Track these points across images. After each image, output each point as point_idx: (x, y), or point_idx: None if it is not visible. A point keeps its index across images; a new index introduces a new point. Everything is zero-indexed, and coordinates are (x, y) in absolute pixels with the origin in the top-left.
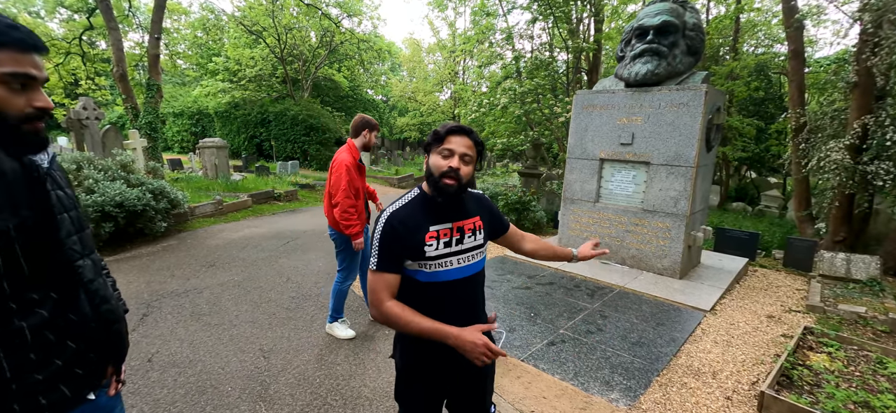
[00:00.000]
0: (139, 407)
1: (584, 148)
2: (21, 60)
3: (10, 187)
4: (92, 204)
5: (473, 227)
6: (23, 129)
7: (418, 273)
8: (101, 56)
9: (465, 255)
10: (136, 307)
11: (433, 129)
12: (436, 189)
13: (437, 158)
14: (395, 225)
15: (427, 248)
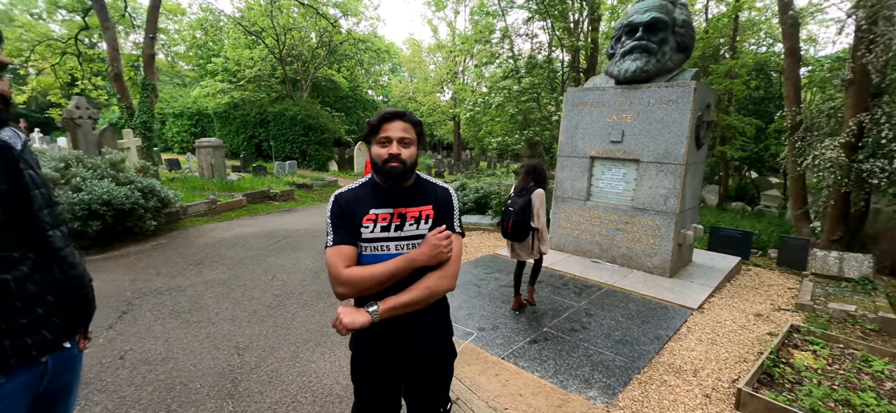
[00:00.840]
0: (104, 404)
1: (574, 146)
2: None
3: None
4: (78, 202)
5: (418, 216)
6: None
7: (361, 256)
8: (99, 56)
9: (405, 243)
10: (115, 305)
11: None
12: (383, 175)
13: (377, 148)
14: (340, 203)
15: (363, 230)
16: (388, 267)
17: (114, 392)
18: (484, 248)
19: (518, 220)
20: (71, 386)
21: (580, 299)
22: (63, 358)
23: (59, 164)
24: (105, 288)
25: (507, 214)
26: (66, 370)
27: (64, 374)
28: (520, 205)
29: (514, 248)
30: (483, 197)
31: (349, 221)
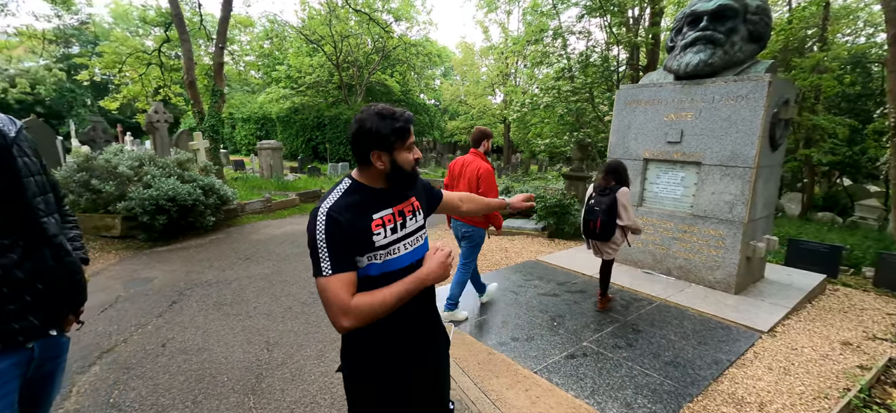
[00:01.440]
0: (137, 389)
1: (626, 147)
2: None
3: None
4: (148, 198)
5: (412, 209)
6: None
7: (369, 267)
8: (178, 66)
9: (411, 239)
10: (169, 294)
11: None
12: (406, 181)
13: (405, 154)
14: (336, 216)
15: (375, 237)
16: (398, 290)
17: (150, 378)
18: (526, 254)
19: (606, 219)
20: (54, 375)
21: (627, 313)
22: (50, 345)
23: (134, 162)
24: (163, 278)
25: (592, 214)
26: (52, 357)
27: (49, 361)
28: (605, 203)
29: (598, 247)
30: None
31: (351, 238)
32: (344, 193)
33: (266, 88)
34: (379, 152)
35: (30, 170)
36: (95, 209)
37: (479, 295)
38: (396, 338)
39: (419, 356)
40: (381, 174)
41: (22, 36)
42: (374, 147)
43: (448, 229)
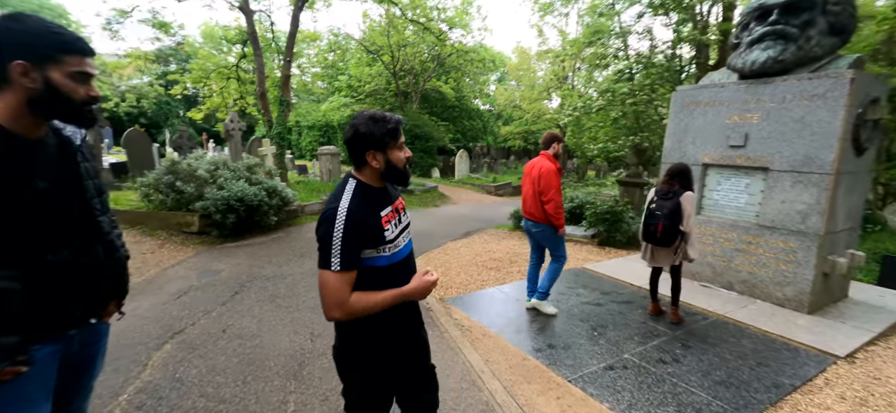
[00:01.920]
0: (199, 367)
1: (683, 151)
2: (83, 62)
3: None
4: (220, 198)
5: (403, 207)
6: (83, 110)
7: (378, 258)
8: (253, 79)
9: (405, 234)
10: (233, 286)
11: (388, 128)
12: (401, 178)
13: (398, 153)
14: (356, 218)
15: (386, 232)
16: (386, 298)
17: (209, 358)
18: (571, 261)
19: (668, 224)
20: (95, 359)
21: (676, 327)
22: (89, 332)
23: (211, 167)
24: (230, 271)
25: (653, 218)
26: (92, 343)
27: (89, 346)
28: (668, 208)
29: (654, 254)
30: (577, 207)
31: (366, 234)
32: (354, 194)
33: (329, 97)
34: (374, 152)
35: (89, 174)
36: (179, 207)
37: (528, 298)
38: (388, 324)
39: (405, 336)
40: (376, 173)
41: (130, 57)
42: (369, 147)
43: (483, 235)
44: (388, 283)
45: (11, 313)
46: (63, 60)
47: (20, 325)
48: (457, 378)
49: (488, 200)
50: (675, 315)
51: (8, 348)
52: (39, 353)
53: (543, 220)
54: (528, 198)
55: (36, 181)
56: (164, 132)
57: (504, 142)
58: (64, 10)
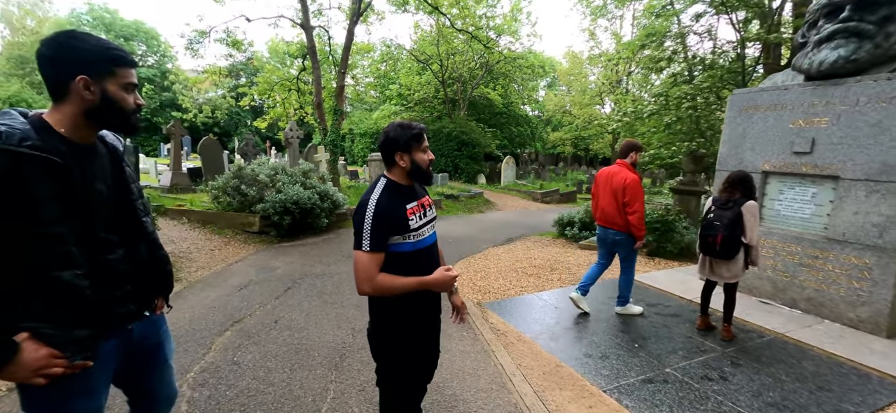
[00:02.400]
0: (253, 353)
1: (740, 158)
2: (130, 74)
3: (104, 165)
4: (279, 201)
5: (429, 204)
6: (132, 118)
7: (403, 245)
8: (311, 90)
9: (429, 225)
10: (286, 282)
11: (413, 133)
12: (425, 177)
13: (421, 155)
14: (385, 208)
15: (410, 222)
16: (408, 283)
17: (262, 346)
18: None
19: (728, 235)
20: (161, 343)
21: (728, 344)
22: (146, 324)
23: (271, 172)
24: (284, 268)
25: (711, 229)
26: (151, 333)
27: (150, 336)
28: (728, 218)
29: (712, 266)
30: None
31: (393, 223)
32: (385, 190)
33: (381, 106)
34: (401, 153)
35: (131, 178)
36: (242, 209)
37: (578, 290)
38: (412, 308)
39: (427, 322)
40: (404, 172)
41: (207, 73)
42: (397, 150)
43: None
44: (411, 266)
45: (82, 308)
46: (117, 74)
47: (89, 319)
48: (487, 379)
49: (534, 207)
50: (726, 332)
51: (81, 341)
52: (103, 347)
53: (624, 230)
54: (606, 206)
55: (97, 185)
56: (234, 140)
57: (552, 148)
58: (156, 33)
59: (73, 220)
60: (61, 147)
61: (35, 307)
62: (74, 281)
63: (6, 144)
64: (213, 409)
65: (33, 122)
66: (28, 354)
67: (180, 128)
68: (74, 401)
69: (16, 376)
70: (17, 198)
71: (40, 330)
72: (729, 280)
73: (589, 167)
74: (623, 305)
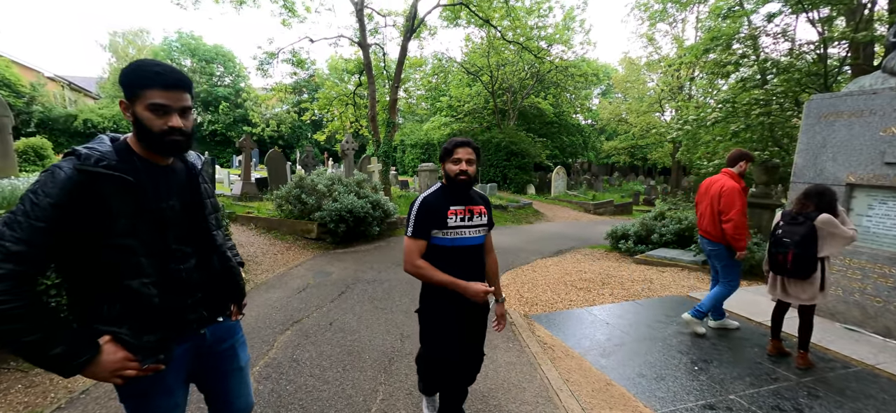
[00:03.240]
0: (310, 352)
1: (820, 169)
2: (161, 95)
3: (179, 182)
4: (335, 209)
5: (480, 212)
6: (163, 140)
7: (441, 239)
8: (366, 104)
9: (474, 229)
10: (341, 286)
11: (446, 147)
12: (454, 185)
13: (450, 166)
14: (427, 204)
15: (448, 220)
16: (441, 278)
17: (318, 346)
18: (674, 288)
19: (800, 252)
20: (235, 347)
21: (804, 373)
22: (220, 329)
23: (328, 182)
24: (338, 273)
25: (780, 246)
26: (225, 338)
27: (225, 340)
28: (800, 234)
29: (784, 286)
30: (686, 229)
31: (433, 217)
32: (437, 190)
33: (431, 117)
34: (443, 163)
35: (207, 194)
36: (302, 216)
37: (712, 317)
38: (448, 300)
39: (465, 306)
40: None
41: (275, 90)
42: (441, 160)
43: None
44: (448, 260)
45: (151, 315)
46: (142, 95)
47: (159, 325)
48: (533, 393)
49: (585, 219)
50: (802, 359)
51: (151, 346)
52: (176, 350)
53: (720, 239)
54: (703, 215)
55: (169, 201)
56: (296, 152)
57: (607, 158)
58: (232, 55)
59: (144, 232)
60: (136, 166)
61: (113, 313)
62: (143, 289)
63: (83, 165)
64: (276, 401)
65: (118, 146)
66: (107, 356)
67: (250, 141)
68: (154, 399)
69: (96, 375)
70: (93, 211)
71: (118, 334)
72: (805, 302)
73: (646, 178)
74: (692, 315)
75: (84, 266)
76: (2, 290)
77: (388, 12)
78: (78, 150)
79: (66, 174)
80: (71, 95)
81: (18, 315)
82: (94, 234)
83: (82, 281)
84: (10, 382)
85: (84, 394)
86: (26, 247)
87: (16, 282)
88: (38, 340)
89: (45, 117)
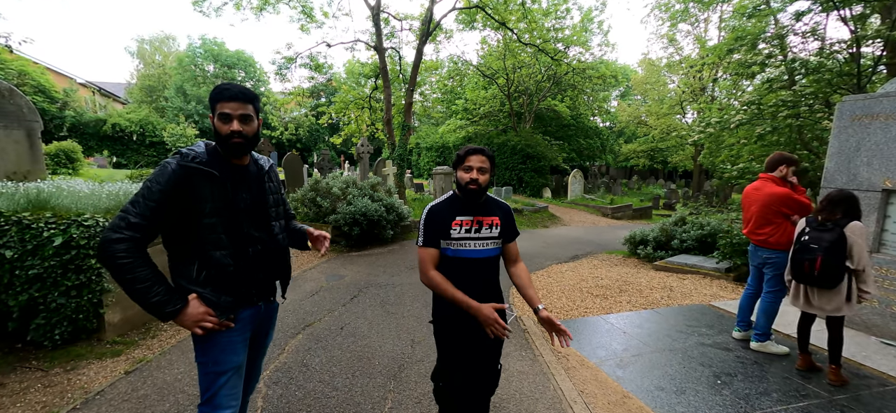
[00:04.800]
0: (320, 357)
1: (852, 174)
2: (225, 106)
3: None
4: (350, 213)
5: (491, 223)
6: (229, 142)
7: (447, 249)
8: (382, 108)
9: (482, 242)
10: (353, 290)
11: (458, 155)
12: (464, 193)
13: (461, 173)
14: (432, 213)
15: (452, 231)
16: (454, 294)
17: (329, 350)
18: (696, 296)
19: (829, 259)
20: (269, 331)
21: (836, 389)
22: (269, 307)
23: (343, 185)
24: (351, 277)
25: (808, 252)
26: (267, 318)
27: (268, 320)
28: (828, 241)
29: (809, 297)
30: (708, 235)
31: (439, 227)
32: (446, 199)
33: (447, 120)
34: (455, 170)
35: (271, 191)
36: (317, 219)
37: (737, 328)
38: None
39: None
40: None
41: (293, 95)
42: (453, 167)
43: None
44: (453, 272)
45: (227, 280)
46: (216, 107)
47: (232, 290)
48: (546, 404)
49: (603, 223)
50: (834, 375)
51: (226, 306)
52: (242, 314)
53: (776, 246)
54: (755, 219)
55: (242, 194)
56: (313, 155)
57: (625, 161)
58: (253, 60)
59: (224, 215)
60: (221, 165)
61: (200, 276)
62: (223, 259)
63: (183, 161)
64: (284, 407)
65: (209, 149)
66: (192, 308)
67: (269, 145)
68: (222, 354)
69: (183, 322)
70: (189, 196)
71: (202, 294)
72: (831, 313)
73: (667, 181)
74: (761, 341)
75: (181, 238)
76: (125, 249)
77: (404, 16)
78: (182, 150)
79: (172, 168)
80: (101, 100)
81: (133, 268)
82: (189, 213)
83: (178, 249)
84: (30, 382)
85: (98, 395)
86: (142, 220)
87: (134, 244)
88: (145, 288)
89: (76, 122)
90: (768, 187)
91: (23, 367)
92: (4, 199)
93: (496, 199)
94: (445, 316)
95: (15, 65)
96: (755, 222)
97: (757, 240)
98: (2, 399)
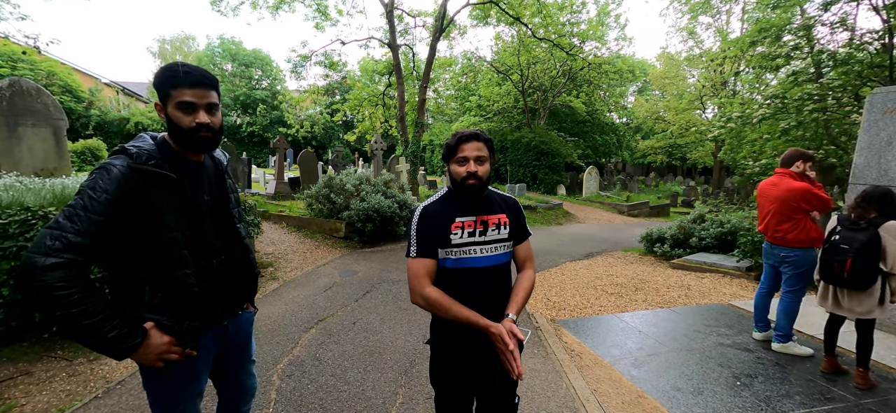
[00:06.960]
0: (333, 351)
1: (883, 169)
2: (187, 93)
3: (209, 177)
4: (362, 209)
5: (498, 223)
6: (192, 136)
7: (446, 260)
8: (395, 105)
9: (489, 246)
10: (365, 286)
11: (449, 145)
12: (462, 190)
13: (455, 167)
14: (427, 215)
15: (452, 236)
16: (460, 313)
17: (341, 346)
18: (714, 295)
19: (862, 260)
20: (249, 338)
21: (864, 393)
22: (237, 322)
23: (356, 182)
24: (364, 272)
25: (838, 253)
26: (241, 330)
27: (241, 331)
28: (860, 241)
29: (838, 298)
30: (728, 233)
31: (436, 232)
32: (439, 197)
33: (461, 117)
34: (447, 164)
35: (231, 189)
36: (331, 215)
37: (755, 329)
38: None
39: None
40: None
41: (308, 92)
42: (445, 160)
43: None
44: (453, 286)
45: (191, 303)
46: (171, 95)
47: (197, 313)
48: (558, 402)
49: (619, 221)
50: (862, 378)
51: (190, 332)
52: (203, 339)
53: (795, 243)
54: (773, 216)
55: (202, 196)
56: (328, 152)
57: (642, 157)
58: (269, 59)
59: (185, 226)
60: (176, 163)
61: (156, 300)
62: (186, 279)
63: (136, 163)
64: (297, 400)
65: (159, 143)
66: (153, 340)
67: (284, 142)
68: (182, 384)
69: (145, 358)
70: (143, 206)
71: (160, 321)
72: (862, 316)
73: (685, 178)
74: (783, 342)
75: (128, 256)
76: (63, 277)
77: (417, 13)
78: (127, 148)
79: (120, 171)
80: (124, 100)
81: (79, 300)
82: (143, 226)
83: (125, 270)
84: (55, 371)
85: (119, 384)
86: (85, 238)
87: (76, 269)
88: (97, 323)
89: (101, 120)
90: (786, 182)
91: (49, 356)
92: (32, 194)
93: (499, 192)
94: (446, 335)
95: (44, 65)
96: (773, 219)
97: (774, 237)
98: (29, 386)
